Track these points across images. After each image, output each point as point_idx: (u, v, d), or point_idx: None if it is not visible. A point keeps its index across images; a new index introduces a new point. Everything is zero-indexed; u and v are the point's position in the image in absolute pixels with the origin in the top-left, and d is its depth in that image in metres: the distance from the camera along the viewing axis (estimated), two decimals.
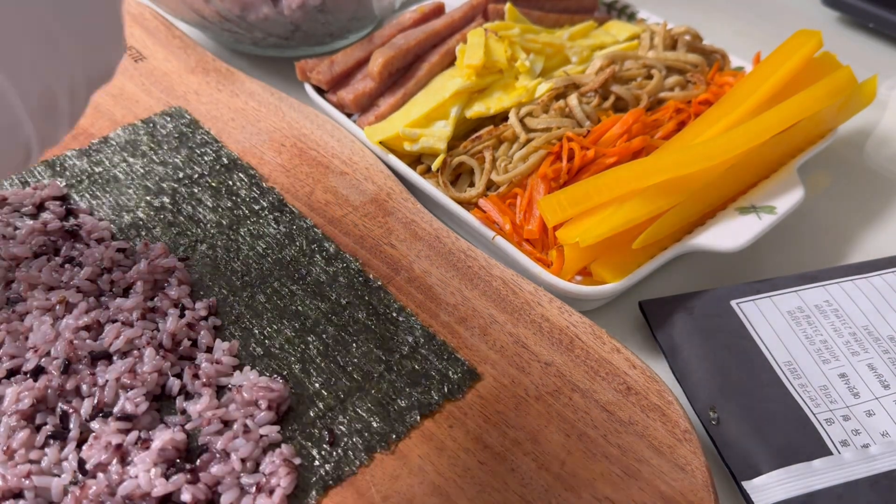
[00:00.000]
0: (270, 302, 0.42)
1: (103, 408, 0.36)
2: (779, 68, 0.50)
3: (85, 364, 0.37)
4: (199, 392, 0.37)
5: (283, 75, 0.63)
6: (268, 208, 0.47)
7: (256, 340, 0.40)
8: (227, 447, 0.34)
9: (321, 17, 0.59)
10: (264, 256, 0.44)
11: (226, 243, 0.45)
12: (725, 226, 0.45)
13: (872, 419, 0.38)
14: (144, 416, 0.36)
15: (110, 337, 0.38)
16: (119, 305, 0.40)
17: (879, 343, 0.41)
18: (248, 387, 0.37)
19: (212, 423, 0.35)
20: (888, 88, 0.65)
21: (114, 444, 0.34)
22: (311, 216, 0.47)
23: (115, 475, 0.33)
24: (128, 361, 0.37)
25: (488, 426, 0.37)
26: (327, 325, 0.41)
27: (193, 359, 0.39)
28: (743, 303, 0.43)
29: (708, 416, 0.38)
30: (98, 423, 0.35)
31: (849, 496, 0.34)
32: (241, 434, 0.35)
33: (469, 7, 0.60)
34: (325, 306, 0.42)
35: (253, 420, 0.36)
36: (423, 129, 0.51)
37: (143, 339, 0.38)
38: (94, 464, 0.33)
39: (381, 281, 0.43)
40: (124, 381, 0.36)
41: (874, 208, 0.54)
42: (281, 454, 0.35)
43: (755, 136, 0.46)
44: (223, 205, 0.47)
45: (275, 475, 0.34)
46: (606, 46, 0.59)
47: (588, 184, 0.43)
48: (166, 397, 0.37)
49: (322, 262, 0.44)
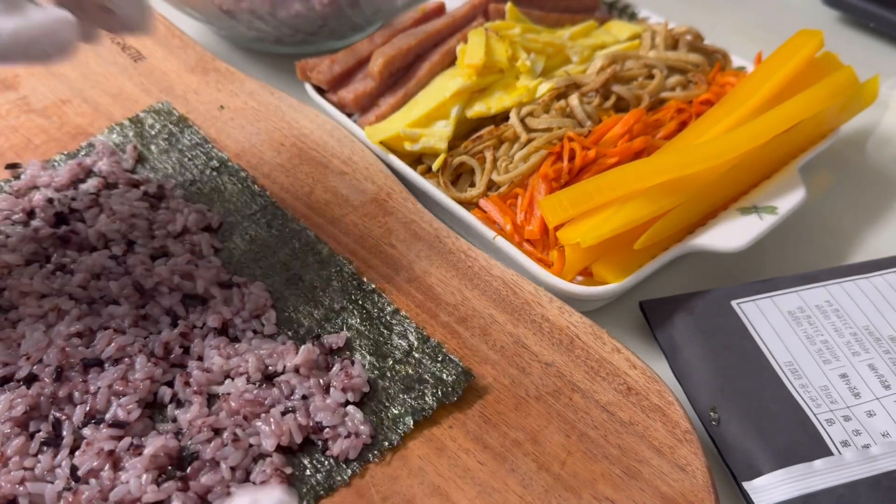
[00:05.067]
0: None
1: (95, 415, 0.36)
2: (780, 68, 0.50)
3: (77, 371, 0.37)
4: (190, 400, 0.37)
5: (283, 75, 0.63)
6: (259, 211, 0.47)
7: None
8: (216, 456, 0.34)
9: (349, 11, 0.59)
10: (257, 261, 0.44)
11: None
12: (727, 226, 0.45)
13: (873, 419, 0.38)
14: (137, 423, 0.36)
15: (102, 344, 0.38)
16: (111, 312, 0.39)
17: (880, 343, 0.41)
18: (237, 395, 0.36)
19: (202, 431, 0.35)
20: (889, 88, 0.65)
21: (106, 451, 0.34)
22: (310, 216, 0.47)
23: (108, 481, 0.33)
24: (120, 368, 0.37)
25: (488, 427, 0.37)
26: (321, 333, 0.40)
27: (185, 366, 0.38)
28: (744, 303, 0.43)
29: (708, 417, 0.38)
30: (90, 429, 0.35)
31: (849, 496, 0.34)
32: (231, 442, 0.35)
33: (470, 7, 0.60)
34: (318, 313, 0.41)
35: (243, 430, 0.35)
36: (423, 129, 0.51)
37: (136, 346, 0.38)
38: (87, 470, 0.33)
39: (376, 284, 0.43)
40: (116, 388, 0.36)
41: (875, 208, 0.54)
42: (272, 463, 0.34)
43: (757, 137, 0.46)
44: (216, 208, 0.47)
45: (266, 485, 0.34)
46: (607, 46, 0.59)
47: (589, 184, 0.43)
48: (158, 405, 0.37)
49: (316, 265, 0.44)
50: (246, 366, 0.38)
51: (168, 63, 0.58)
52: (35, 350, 0.37)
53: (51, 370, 0.36)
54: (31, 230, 0.43)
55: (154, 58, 0.58)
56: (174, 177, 0.49)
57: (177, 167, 0.50)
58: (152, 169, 0.50)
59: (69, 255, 0.42)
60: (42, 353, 0.37)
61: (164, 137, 0.51)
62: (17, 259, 0.42)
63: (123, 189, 0.47)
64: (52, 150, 0.50)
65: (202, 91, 0.56)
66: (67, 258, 0.42)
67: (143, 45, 0.60)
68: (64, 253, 0.43)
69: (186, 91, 0.56)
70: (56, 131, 0.52)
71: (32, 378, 0.36)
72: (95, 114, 0.53)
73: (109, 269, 0.42)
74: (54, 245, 0.43)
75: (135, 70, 0.57)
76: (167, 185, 0.48)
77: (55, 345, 0.37)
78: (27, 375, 0.36)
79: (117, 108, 0.54)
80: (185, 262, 0.42)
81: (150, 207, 0.46)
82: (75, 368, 0.37)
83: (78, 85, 0.56)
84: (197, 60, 0.58)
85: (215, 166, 0.49)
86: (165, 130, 0.52)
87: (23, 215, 0.45)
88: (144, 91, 0.55)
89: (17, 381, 0.36)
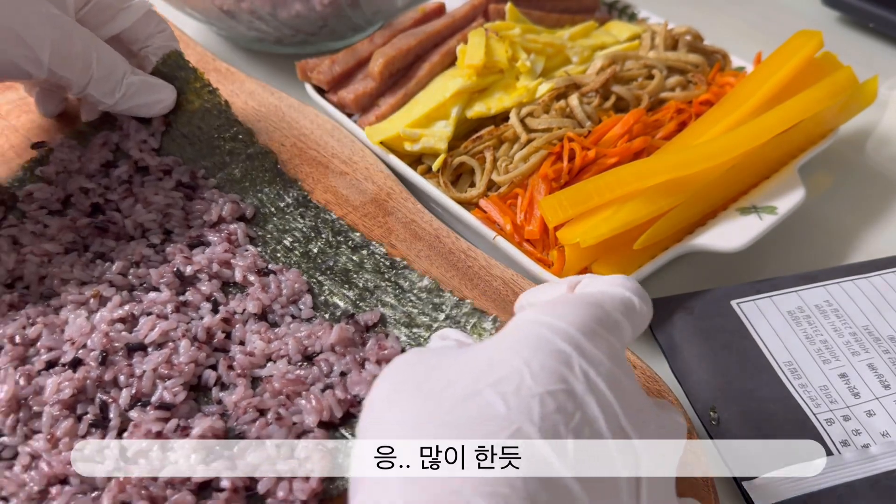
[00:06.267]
0: None
1: (141, 397, 0.37)
2: (780, 68, 0.50)
3: (121, 355, 0.38)
4: (234, 382, 0.38)
5: (283, 75, 0.63)
6: (293, 204, 0.47)
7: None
8: (261, 434, 0.35)
9: (349, 12, 0.60)
10: (291, 250, 0.45)
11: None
12: (726, 226, 0.45)
13: (873, 419, 0.38)
14: (182, 405, 0.37)
15: (145, 329, 0.39)
16: (153, 299, 0.40)
17: (880, 343, 0.41)
18: (279, 376, 0.37)
19: (247, 412, 0.36)
20: (889, 88, 0.65)
21: (154, 432, 0.35)
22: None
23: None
24: (164, 353, 0.38)
25: None
26: (356, 313, 0.41)
27: (227, 351, 0.40)
28: (743, 303, 0.43)
29: (708, 417, 0.38)
30: (137, 412, 0.36)
31: (849, 496, 0.34)
32: (275, 421, 0.36)
33: (470, 7, 0.60)
34: (353, 294, 0.42)
35: (286, 409, 0.36)
36: (423, 129, 0.51)
37: (178, 331, 0.39)
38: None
39: (407, 261, 0.44)
40: (161, 372, 0.37)
41: (875, 208, 0.54)
42: (315, 439, 0.36)
43: (756, 137, 0.46)
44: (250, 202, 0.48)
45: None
46: (607, 46, 0.59)
47: (589, 184, 0.43)
48: (202, 388, 0.38)
49: (348, 251, 0.44)
50: (286, 348, 0.39)
51: None
52: (79, 335, 0.38)
53: (96, 354, 0.37)
54: (69, 219, 0.44)
55: None
56: (202, 160, 0.49)
57: (205, 150, 0.50)
58: (178, 151, 0.50)
59: (106, 244, 0.44)
60: (86, 338, 0.38)
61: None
62: (56, 248, 0.43)
63: (155, 177, 0.48)
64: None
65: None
66: (105, 247, 0.44)
67: None
68: (102, 242, 0.44)
69: None
70: (56, 132, 0.52)
71: (77, 362, 0.37)
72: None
73: (148, 257, 0.43)
74: (92, 234, 0.44)
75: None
76: (198, 173, 0.49)
77: (98, 330, 0.38)
78: (72, 360, 0.37)
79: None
80: (223, 250, 0.43)
81: (184, 198, 0.47)
82: (119, 353, 0.38)
83: None
84: (197, 60, 0.58)
85: (249, 153, 0.50)
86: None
87: (58, 204, 0.46)
88: None
89: (62, 365, 0.37)
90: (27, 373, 0.36)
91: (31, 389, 0.36)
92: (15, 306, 0.40)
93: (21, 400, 0.36)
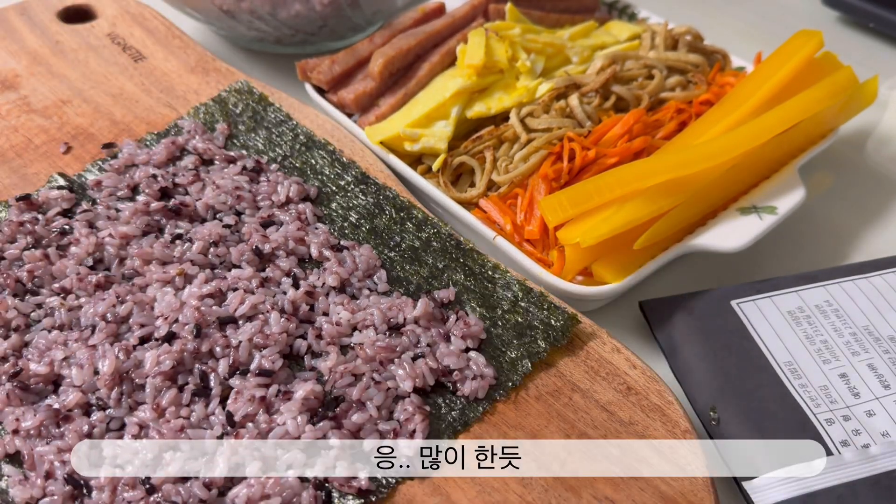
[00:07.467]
0: None
1: (239, 366, 0.38)
2: (780, 68, 0.50)
3: (214, 328, 0.39)
4: (325, 350, 0.39)
5: (283, 75, 0.64)
6: (352, 182, 0.48)
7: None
8: (361, 397, 0.37)
9: (349, 12, 0.60)
10: (358, 227, 0.46)
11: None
12: (726, 226, 0.45)
13: (873, 419, 0.38)
14: (280, 371, 0.38)
15: (235, 303, 0.40)
16: (237, 275, 0.42)
17: (880, 343, 0.41)
18: (370, 344, 0.39)
19: (343, 376, 0.37)
20: (889, 88, 0.65)
21: (258, 397, 0.36)
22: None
23: (264, 424, 0.35)
24: (255, 324, 0.39)
25: (488, 426, 0.37)
26: (430, 289, 0.43)
27: (312, 322, 0.41)
28: (743, 303, 0.43)
29: (708, 416, 0.38)
30: (238, 379, 0.37)
31: (849, 496, 0.34)
32: (373, 385, 0.37)
33: (470, 7, 0.60)
34: (424, 271, 0.44)
35: (379, 374, 0.38)
36: (423, 129, 0.51)
37: (266, 304, 0.40)
38: (242, 415, 0.36)
39: (471, 244, 0.44)
40: (256, 342, 0.38)
41: (875, 208, 0.54)
42: (412, 402, 0.37)
43: (756, 137, 0.46)
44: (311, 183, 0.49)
45: (410, 421, 0.36)
46: (607, 46, 0.59)
47: (589, 184, 0.43)
48: (294, 356, 0.39)
49: (413, 228, 0.45)
50: (371, 318, 0.40)
51: (168, 63, 0.58)
52: (169, 311, 0.39)
53: (190, 328, 0.38)
54: (142, 204, 0.46)
55: (154, 58, 0.59)
56: (265, 153, 0.51)
57: (266, 143, 0.51)
58: (243, 146, 0.51)
59: (181, 226, 0.45)
60: (177, 313, 0.39)
61: (248, 115, 0.53)
62: (134, 230, 0.44)
63: (221, 165, 0.49)
64: (53, 149, 0.51)
65: (202, 91, 0.56)
66: (181, 228, 0.45)
67: (143, 45, 0.60)
68: (176, 224, 0.45)
69: (187, 91, 0.56)
70: (56, 131, 0.52)
71: (172, 336, 0.38)
72: (96, 114, 0.54)
73: (225, 236, 0.44)
74: (165, 217, 0.45)
75: (135, 70, 0.57)
76: (262, 161, 0.50)
77: (189, 305, 0.39)
78: (166, 334, 0.38)
79: (118, 108, 0.54)
80: (296, 228, 0.45)
81: (250, 181, 0.48)
82: (212, 326, 0.39)
83: (78, 85, 0.56)
84: (197, 60, 0.58)
85: (303, 141, 0.51)
86: (249, 109, 0.53)
87: (127, 191, 0.47)
88: (145, 91, 0.56)
89: (156, 339, 0.38)
90: (125, 348, 0.37)
91: (131, 363, 0.37)
92: (101, 286, 0.41)
93: (123, 374, 0.37)
